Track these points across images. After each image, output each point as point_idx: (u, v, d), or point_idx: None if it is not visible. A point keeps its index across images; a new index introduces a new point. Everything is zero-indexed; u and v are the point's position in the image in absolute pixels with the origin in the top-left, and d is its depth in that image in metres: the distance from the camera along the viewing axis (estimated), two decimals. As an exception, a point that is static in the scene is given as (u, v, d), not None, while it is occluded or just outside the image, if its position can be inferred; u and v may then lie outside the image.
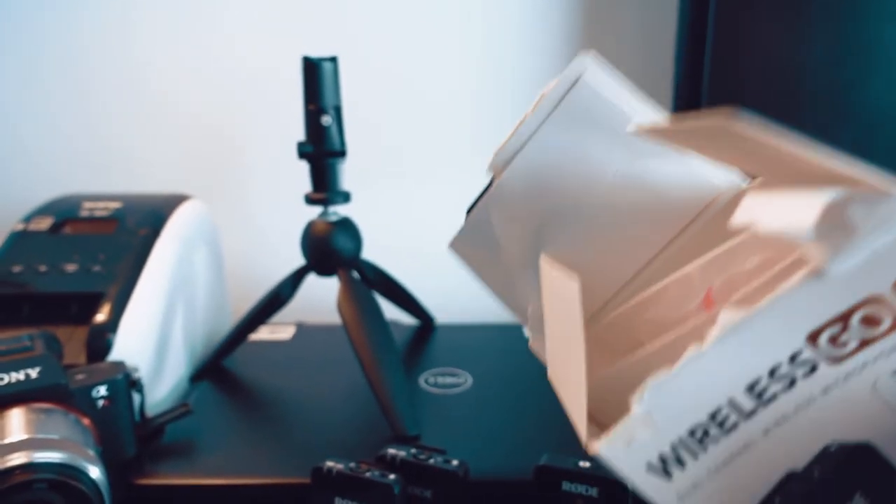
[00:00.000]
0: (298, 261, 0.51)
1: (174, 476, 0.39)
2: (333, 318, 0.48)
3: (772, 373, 0.16)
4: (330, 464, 0.34)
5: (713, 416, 0.17)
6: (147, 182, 0.68)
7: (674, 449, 0.17)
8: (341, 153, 0.48)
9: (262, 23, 0.66)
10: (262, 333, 0.58)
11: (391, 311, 0.57)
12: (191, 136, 0.69)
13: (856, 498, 0.16)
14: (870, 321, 0.15)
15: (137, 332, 0.44)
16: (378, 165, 0.69)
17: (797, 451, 0.17)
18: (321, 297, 0.56)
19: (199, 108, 0.68)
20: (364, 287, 0.50)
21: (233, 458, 0.41)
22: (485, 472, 0.37)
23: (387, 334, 0.46)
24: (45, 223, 0.51)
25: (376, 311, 0.48)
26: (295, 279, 0.52)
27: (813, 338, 0.15)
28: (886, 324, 0.15)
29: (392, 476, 0.33)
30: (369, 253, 0.53)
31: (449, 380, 0.49)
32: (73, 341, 0.42)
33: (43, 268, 0.47)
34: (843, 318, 0.15)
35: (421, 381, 0.49)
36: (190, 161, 0.69)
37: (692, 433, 0.17)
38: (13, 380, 0.34)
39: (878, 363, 0.16)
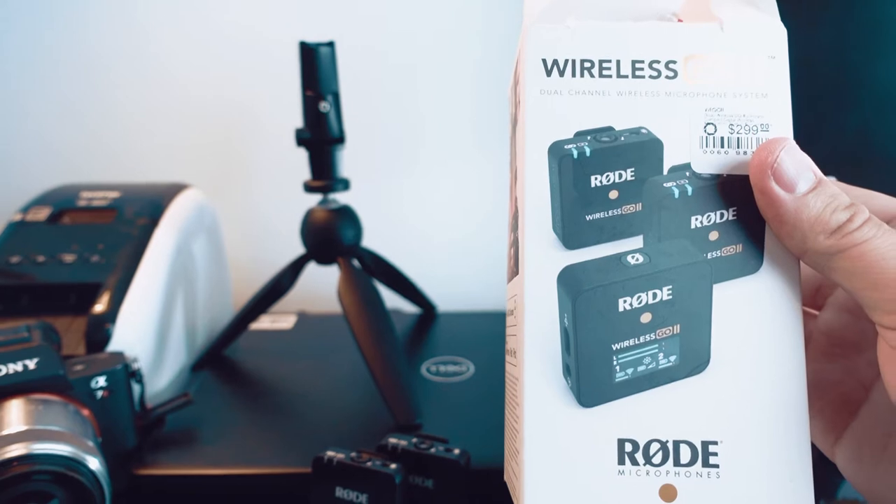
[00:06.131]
0: (301, 249, 0.51)
1: (175, 466, 0.39)
2: (335, 306, 0.48)
3: (651, 63, 0.23)
4: (331, 453, 0.34)
5: None
6: (147, 172, 0.68)
7: None
8: (340, 140, 0.48)
9: (263, 10, 0.65)
10: (264, 323, 0.58)
11: (393, 300, 0.57)
12: (191, 125, 0.68)
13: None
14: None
15: (137, 322, 0.44)
16: (380, 153, 0.68)
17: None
18: (323, 285, 0.55)
19: (200, 96, 0.67)
20: (364, 275, 0.49)
21: (234, 447, 0.40)
22: (486, 460, 0.37)
23: (387, 322, 0.46)
24: (42, 213, 0.50)
25: (377, 299, 0.47)
26: (295, 268, 0.51)
27: (687, 59, 0.23)
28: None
29: (393, 466, 0.33)
30: (371, 241, 0.53)
31: (451, 368, 0.49)
32: (71, 332, 0.42)
33: (41, 258, 0.46)
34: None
35: (423, 369, 0.49)
36: (190, 150, 0.69)
37: None
38: (11, 371, 0.33)
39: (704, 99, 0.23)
